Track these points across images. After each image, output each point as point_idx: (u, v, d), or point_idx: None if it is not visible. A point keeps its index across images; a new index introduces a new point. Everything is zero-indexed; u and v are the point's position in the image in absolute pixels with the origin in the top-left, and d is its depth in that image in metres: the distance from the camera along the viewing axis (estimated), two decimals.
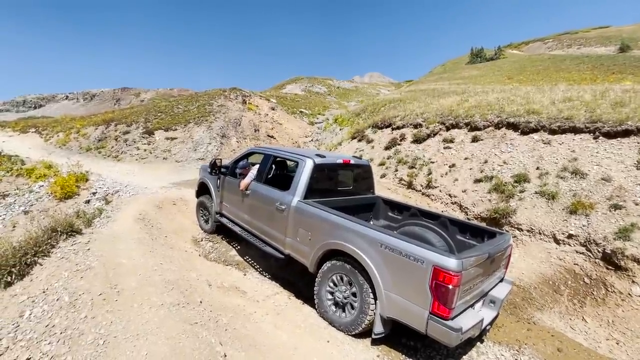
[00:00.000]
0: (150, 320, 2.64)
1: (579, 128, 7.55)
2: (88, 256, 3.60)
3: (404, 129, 11.20)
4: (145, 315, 2.78)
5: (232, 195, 5.66)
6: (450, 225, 4.59)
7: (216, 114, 17.84)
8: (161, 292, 3.10)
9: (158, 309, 2.84)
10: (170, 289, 3.11)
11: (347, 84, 52.49)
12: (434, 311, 2.95)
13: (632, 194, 5.69)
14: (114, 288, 3.09)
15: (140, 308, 2.89)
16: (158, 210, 6.76)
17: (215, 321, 2.77)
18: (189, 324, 2.59)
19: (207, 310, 2.93)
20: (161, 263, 3.71)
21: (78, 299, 2.89)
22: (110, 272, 3.30)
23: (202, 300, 3.15)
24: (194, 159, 14.40)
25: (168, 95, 51.43)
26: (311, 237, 4.10)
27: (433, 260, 2.94)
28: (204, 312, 2.88)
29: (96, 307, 2.82)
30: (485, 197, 7.21)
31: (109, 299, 2.96)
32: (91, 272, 3.31)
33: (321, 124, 24.50)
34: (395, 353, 3.54)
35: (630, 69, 32.71)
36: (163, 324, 2.59)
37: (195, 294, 3.23)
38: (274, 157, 5.19)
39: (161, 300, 2.97)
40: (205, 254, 5.69)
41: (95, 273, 3.28)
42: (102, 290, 3.08)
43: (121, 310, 2.83)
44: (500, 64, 44.77)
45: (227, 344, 2.44)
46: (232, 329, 2.78)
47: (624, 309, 4.62)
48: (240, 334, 2.75)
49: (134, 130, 16.60)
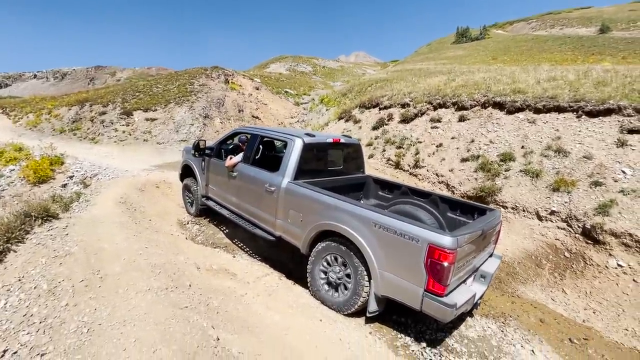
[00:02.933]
0: (137, 305, 2.54)
1: (563, 107, 7.65)
2: (67, 241, 3.40)
3: (392, 108, 11.11)
4: (131, 301, 2.67)
5: (218, 177, 5.49)
6: (440, 203, 4.62)
7: (198, 94, 17.19)
8: (147, 276, 2.98)
9: (145, 293, 2.73)
10: (157, 273, 2.99)
11: (333, 64, 51.53)
12: (429, 288, 2.97)
13: (612, 171, 5.85)
14: (97, 274, 2.95)
15: (126, 293, 2.77)
16: (140, 193, 6.52)
17: (206, 304, 2.69)
18: (178, 308, 2.50)
19: (196, 294, 2.85)
20: (146, 247, 3.56)
21: (58, 286, 2.74)
22: (91, 257, 3.13)
23: (191, 283, 3.05)
24: (176, 140, 13.93)
25: (146, 74, 49.17)
26: (302, 218, 4.04)
27: (428, 239, 2.93)
28: (194, 295, 2.79)
29: (78, 294, 2.68)
30: (471, 176, 7.30)
31: (91, 285, 2.82)
32: (71, 258, 3.14)
33: (307, 104, 24.10)
34: (386, 329, 3.59)
35: (609, 50, 33.46)
36: (151, 309, 2.49)
37: (184, 277, 3.13)
38: (261, 138, 5.03)
39: (148, 285, 2.86)
40: (192, 237, 5.57)
41: (75, 259, 3.11)
42: (84, 276, 2.92)
43: (105, 296, 2.70)
44: (485, 44, 44.83)
45: (220, 327, 2.37)
46: (223, 312, 2.71)
47: (600, 281, 4.83)
48: (232, 316, 2.69)
49: (110, 111, 15.83)
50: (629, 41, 36.02)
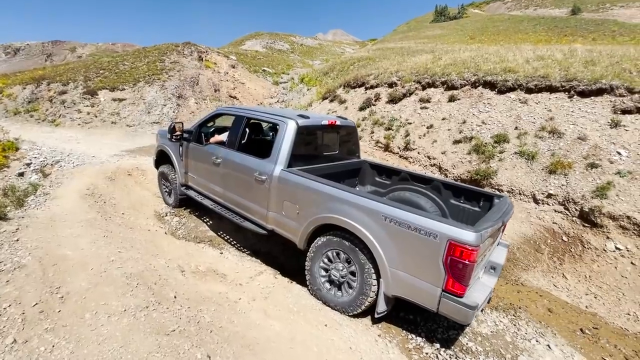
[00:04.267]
0: (111, 336, 2.00)
1: (554, 87, 7.50)
2: (17, 250, 2.75)
3: (379, 88, 10.66)
4: (102, 329, 2.09)
5: (199, 164, 4.93)
6: (444, 190, 4.33)
7: (169, 72, 15.94)
8: (122, 291, 2.43)
9: (120, 317, 2.18)
10: (134, 286, 2.46)
11: (311, 42, 49.88)
12: (448, 288, 2.68)
13: (607, 153, 5.78)
14: (56, 293, 2.33)
15: (95, 319, 2.18)
16: (110, 182, 5.83)
17: (196, 322, 2.24)
18: (164, 334, 2.00)
19: (184, 308, 2.38)
20: (119, 251, 3.02)
21: (2, 314, 2.08)
22: (49, 270, 2.52)
23: (177, 294, 2.58)
24: (148, 122, 12.91)
25: (110, 50, 45.59)
26: (299, 211, 3.61)
27: (448, 234, 2.61)
28: (181, 311, 2.33)
29: (30, 324, 2.04)
30: (465, 158, 7.09)
31: (48, 310, 2.19)
32: (21, 272, 2.52)
33: (287, 83, 23.16)
34: (395, 329, 3.32)
35: (580, 31, 34.36)
36: (129, 339, 1.98)
37: (167, 287, 2.65)
38: (247, 119, 4.47)
39: (123, 304, 2.30)
40: (172, 230, 5.04)
41: (27, 273, 2.50)
42: (39, 297, 2.28)
43: (67, 325, 2.08)
44: (463, 23, 44.76)
45: (217, 354, 1.94)
46: (217, 328, 2.29)
47: (599, 264, 4.79)
48: (228, 335, 2.28)
49: (72, 90, 14.39)
50: (597, 23, 37.09)
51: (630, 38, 27.11)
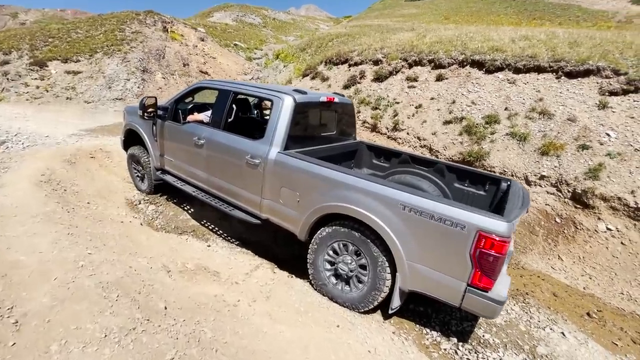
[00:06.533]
0: None
1: (542, 67, 7.43)
2: None
3: (363, 65, 10.18)
4: None
5: (178, 146, 4.33)
6: (447, 172, 4.09)
7: (131, 43, 14.43)
8: (99, 309, 1.87)
9: (100, 346, 1.62)
10: (114, 300, 1.93)
11: (284, 16, 47.72)
12: (474, 283, 2.45)
13: (597, 134, 5.80)
14: (7, 316, 1.73)
15: (65, 352, 1.58)
16: (70, 166, 5.08)
17: (196, 340, 1.82)
18: None
19: (178, 323, 1.94)
20: (90, 252, 2.47)
21: None
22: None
23: (167, 303, 2.13)
24: (110, 99, 11.66)
25: (59, 17, 41.01)
26: (300, 198, 3.22)
27: (477, 225, 2.35)
28: (176, 327, 1.88)
29: None
30: (456, 139, 6.92)
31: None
32: None
33: (261, 59, 22.01)
34: (408, 324, 3.09)
35: (548, 15, 35.46)
36: None
37: (154, 295, 2.18)
38: (234, 95, 3.92)
39: (102, 326, 1.75)
40: (149, 221, 4.47)
41: None
42: None
43: None
44: (437, 3, 44.61)
45: None
46: (222, 345, 1.89)
47: (591, 245, 4.84)
48: (236, 351, 1.89)
49: (16, 60, 12.64)
50: (564, 7, 38.41)
51: (592, 24, 28.22)
